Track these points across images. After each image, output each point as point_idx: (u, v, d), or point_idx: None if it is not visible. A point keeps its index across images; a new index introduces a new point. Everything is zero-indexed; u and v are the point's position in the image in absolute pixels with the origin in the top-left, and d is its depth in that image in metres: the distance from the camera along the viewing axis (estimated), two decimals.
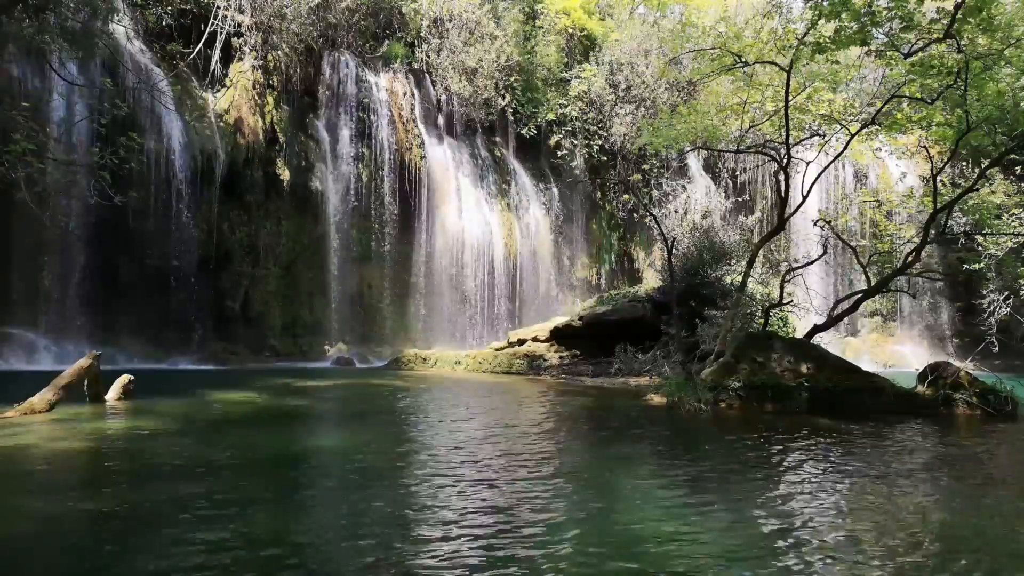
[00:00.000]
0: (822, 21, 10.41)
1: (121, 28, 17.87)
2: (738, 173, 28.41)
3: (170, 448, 6.45)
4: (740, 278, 13.83)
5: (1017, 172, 18.74)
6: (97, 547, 3.75)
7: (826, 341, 17.08)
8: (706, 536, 4.07)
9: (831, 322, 12.95)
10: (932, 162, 14.56)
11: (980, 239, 18.02)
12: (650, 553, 3.76)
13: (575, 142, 26.12)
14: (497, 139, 26.06)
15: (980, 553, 3.96)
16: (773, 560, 3.72)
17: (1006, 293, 19.97)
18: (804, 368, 10.50)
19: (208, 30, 19.40)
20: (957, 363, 11.95)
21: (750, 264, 13.25)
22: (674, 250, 14.27)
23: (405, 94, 23.23)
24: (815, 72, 12.45)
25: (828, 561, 3.72)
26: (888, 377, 11.11)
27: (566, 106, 25.97)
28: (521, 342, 18.77)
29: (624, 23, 28.06)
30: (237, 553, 3.63)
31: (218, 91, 19.90)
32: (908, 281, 19.91)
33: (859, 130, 12.71)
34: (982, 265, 19.00)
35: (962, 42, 10.16)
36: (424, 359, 18.45)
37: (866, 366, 12.70)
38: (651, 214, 16.44)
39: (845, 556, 3.80)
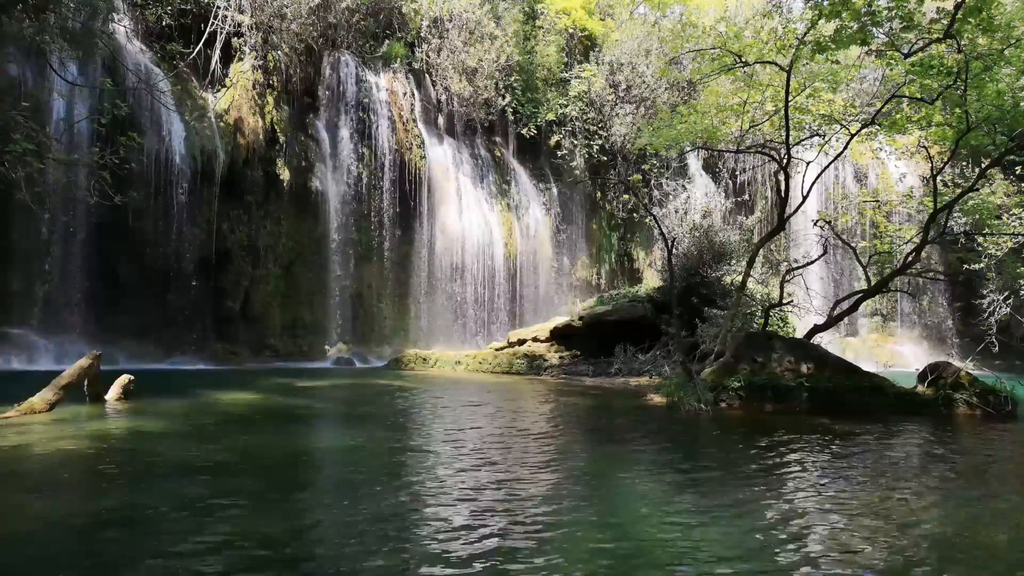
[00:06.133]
0: (822, 21, 10.40)
1: (121, 28, 17.87)
2: (738, 173, 28.40)
3: (170, 448, 6.44)
4: (740, 278, 13.83)
5: (1017, 172, 18.73)
6: (97, 547, 3.75)
7: (826, 341, 17.06)
8: (706, 536, 4.07)
9: (831, 322, 12.95)
10: (932, 162, 14.55)
11: (980, 239, 18.01)
12: (650, 553, 3.76)
13: (575, 142, 26.12)
14: (497, 139, 26.06)
15: (980, 554, 3.96)
16: (773, 560, 3.72)
17: (1006, 293, 19.97)
18: (804, 368, 10.50)
19: (208, 30, 19.40)
20: (957, 363, 11.95)
21: (750, 264, 13.25)
22: (674, 250, 14.27)
23: (405, 94, 23.22)
24: (815, 72, 12.45)
25: (828, 561, 3.72)
26: (888, 377, 11.11)
27: (566, 106, 25.96)
28: (521, 342, 18.77)
29: (624, 23, 28.05)
30: (238, 554, 3.63)
31: (218, 91, 19.89)
32: (908, 281, 19.92)
33: (859, 130, 12.71)
34: (982, 265, 19.00)
35: (962, 42, 10.16)
36: (424, 359, 18.46)
37: (866, 366, 12.67)
38: (651, 214, 16.42)
39: (845, 556, 3.80)
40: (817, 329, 12.64)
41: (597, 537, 4.02)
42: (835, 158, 14.02)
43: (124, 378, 9.53)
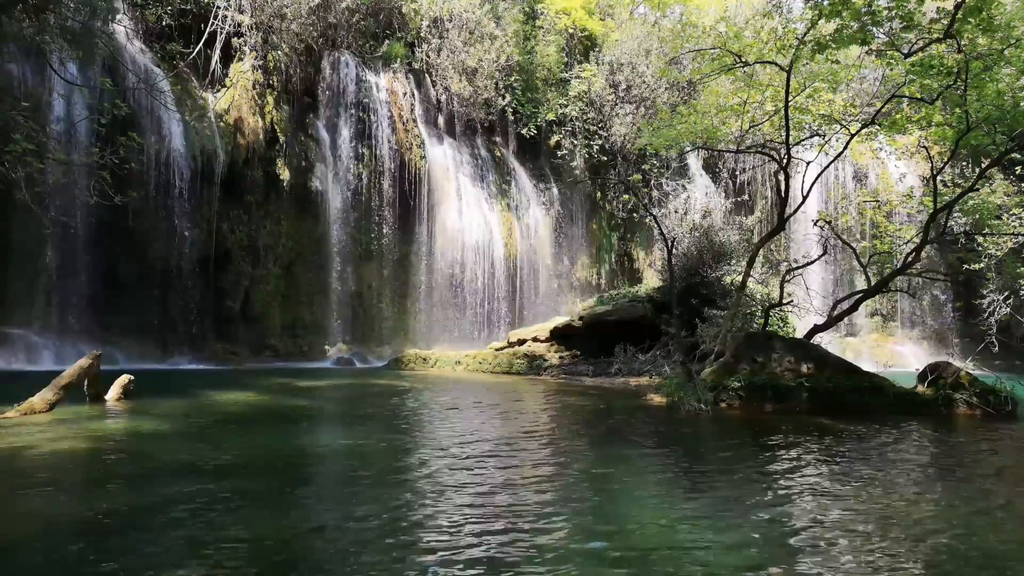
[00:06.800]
0: (822, 21, 10.40)
1: (121, 28, 17.87)
2: (738, 173, 28.39)
3: (170, 448, 6.44)
4: (740, 278, 13.82)
5: (1017, 172, 18.72)
6: (97, 548, 3.75)
7: (826, 341, 17.03)
8: (705, 535, 4.07)
9: (831, 322, 12.94)
10: (932, 162, 14.55)
11: (980, 239, 18.00)
12: (650, 553, 3.76)
13: (575, 142, 26.12)
14: (497, 139, 26.06)
15: (981, 554, 3.96)
16: (772, 560, 3.72)
17: (1006, 293, 19.96)
18: (804, 368, 10.50)
19: (208, 30, 19.40)
20: (957, 363, 11.94)
21: (750, 264, 13.24)
22: (674, 250, 14.26)
23: (405, 94, 23.23)
24: (815, 72, 12.44)
25: (827, 561, 3.72)
26: (888, 377, 11.11)
27: (566, 106, 25.97)
28: (521, 342, 18.77)
29: (624, 23, 28.05)
30: (237, 554, 3.63)
31: (218, 91, 19.90)
32: (908, 281, 19.90)
33: (859, 130, 12.70)
34: (982, 265, 18.99)
35: (962, 42, 10.15)
36: (424, 359, 18.46)
37: (866, 366, 12.68)
38: (651, 214, 16.41)
39: (844, 557, 3.79)
40: (817, 329, 12.63)
41: (598, 538, 4.02)
42: (835, 158, 14.01)
43: (124, 378, 9.53)
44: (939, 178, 13.06)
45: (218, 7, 19.49)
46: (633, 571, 3.48)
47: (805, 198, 13.28)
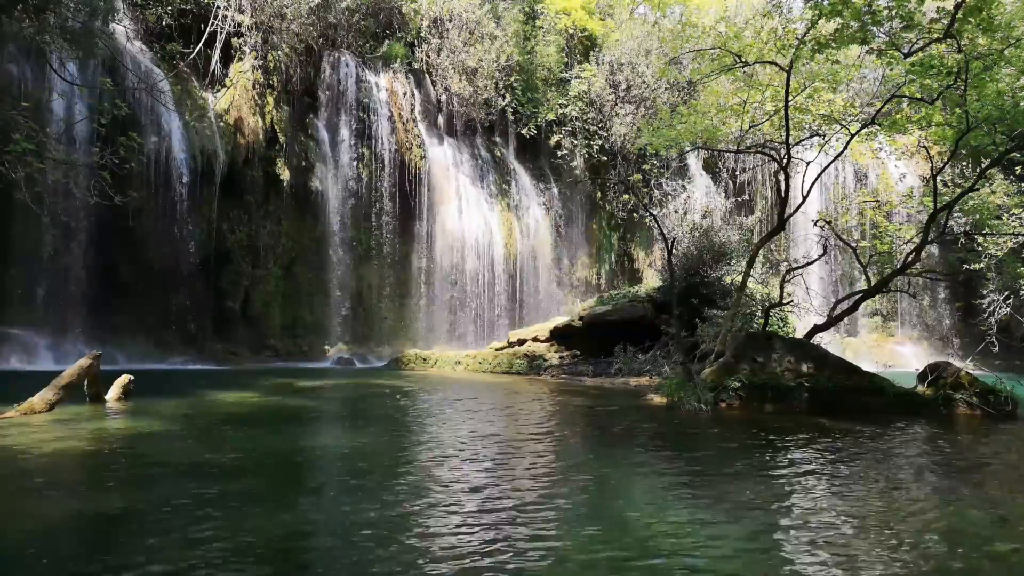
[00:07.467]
0: (822, 21, 10.39)
1: (121, 28, 17.89)
2: (738, 173, 28.40)
3: (170, 448, 6.45)
4: (740, 278, 13.82)
5: (1017, 172, 18.73)
6: (97, 548, 3.75)
7: (826, 341, 17.05)
8: (705, 536, 4.07)
9: (831, 322, 12.93)
10: (932, 162, 14.56)
11: (980, 239, 18.01)
12: (649, 553, 3.76)
13: (575, 142, 26.12)
14: (497, 139, 26.06)
15: (980, 555, 3.96)
16: (771, 560, 3.72)
17: (1006, 293, 19.97)
18: (804, 368, 10.50)
19: (208, 30, 19.41)
20: (957, 363, 11.93)
21: (750, 264, 13.23)
22: (674, 250, 14.26)
23: (405, 94, 23.23)
24: (815, 72, 12.43)
25: (826, 561, 3.71)
26: (888, 377, 11.10)
27: (566, 106, 25.97)
28: (521, 342, 18.77)
29: (624, 23, 28.06)
30: (237, 555, 3.63)
31: (218, 91, 19.90)
32: (908, 281, 19.91)
33: (859, 130, 12.70)
34: (982, 265, 18.99)
35: (962, 42, 10.15)
36: (424, 359, 18.46)
37: (866, 366, 12.67)
38: (651, 214, 16.41)
39: (843, 556, 3.79)
40: (817, 329, 12.62)
41: (595, 537, 4.02)
42: (835, 158, 14.00)
43: (124, 378, 9.53)
44: (939, 178, 13.05)
45: (218, 7, 19.49)
46: (626, 567, 3.48)
47: (805, 198, 13.27)
